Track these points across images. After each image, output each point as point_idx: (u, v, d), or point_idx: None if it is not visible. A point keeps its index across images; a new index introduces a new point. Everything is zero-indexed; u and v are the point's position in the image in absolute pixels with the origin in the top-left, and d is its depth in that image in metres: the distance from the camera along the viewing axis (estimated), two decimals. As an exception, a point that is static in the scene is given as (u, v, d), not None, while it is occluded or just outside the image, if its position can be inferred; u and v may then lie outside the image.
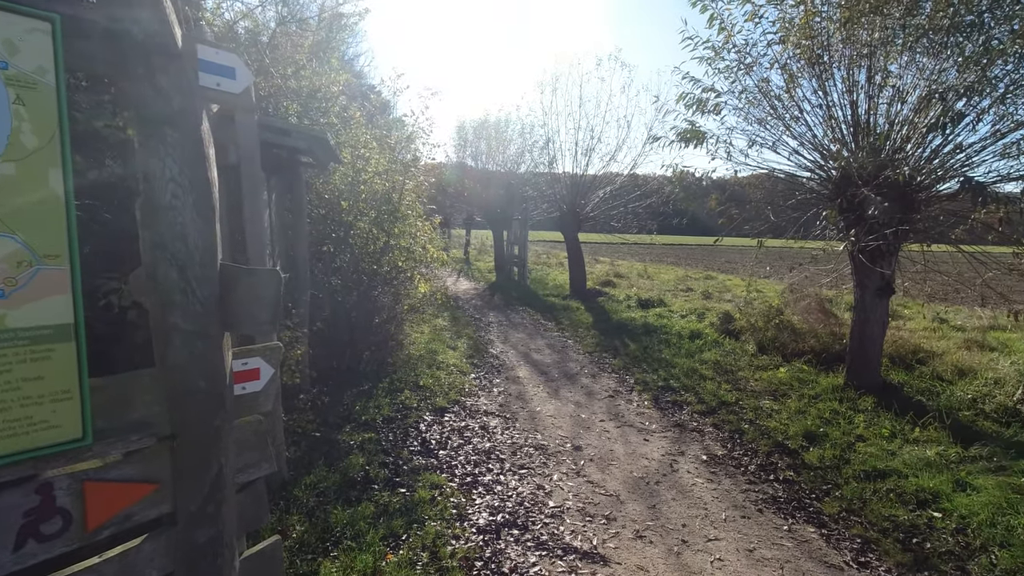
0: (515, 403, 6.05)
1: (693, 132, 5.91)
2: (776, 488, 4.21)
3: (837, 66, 5.58)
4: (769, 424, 5.37)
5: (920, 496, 3.98)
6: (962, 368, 6.84)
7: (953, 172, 5.31)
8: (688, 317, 10.59)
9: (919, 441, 4.92)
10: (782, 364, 7.33)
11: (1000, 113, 5.39)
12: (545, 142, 14.07)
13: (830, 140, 5.79)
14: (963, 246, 6.04)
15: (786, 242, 7.07)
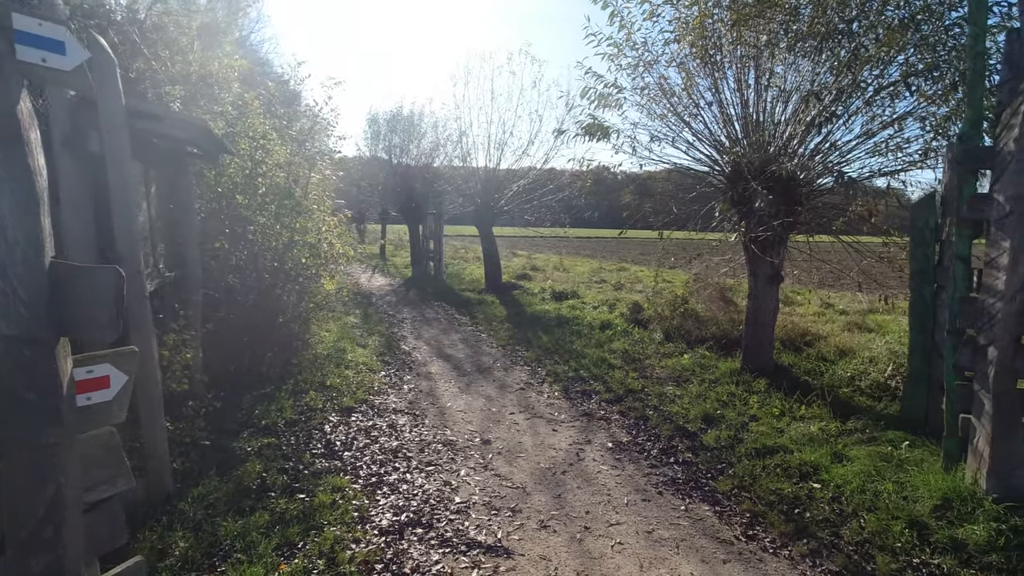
0: (425, 400, 5.96)
1: (597, 126, 6.04)
2: (676, 470, 4.38)
3: (729, 66, 5.86)
4: (672, 409, 5.58)
5: (803, 469, 4.26)
6: (843, 349, 7.41)
7: (830, 168, 5.72)
8: (600, 308, 10.86)
9: (804, 418, 5.27)
10: (686, 351, 7.65)
11: (870, 114, 5.86)
12: (459, 136, 14.00)
13: (724, 136, 6.09)
14: (842, 236, 6.54)
15: (688, 234, 7.39)
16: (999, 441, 3.50)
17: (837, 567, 3.16)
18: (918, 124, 5.69)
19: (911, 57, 5.44)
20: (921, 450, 4.41)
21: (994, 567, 3.09)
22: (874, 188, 6.17)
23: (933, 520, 3.49)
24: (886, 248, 6.29)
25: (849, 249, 6.47)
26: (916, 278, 4.84)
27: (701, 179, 6.73)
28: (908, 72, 5.18)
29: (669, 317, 8.69)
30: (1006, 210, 3.39)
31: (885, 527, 3.47)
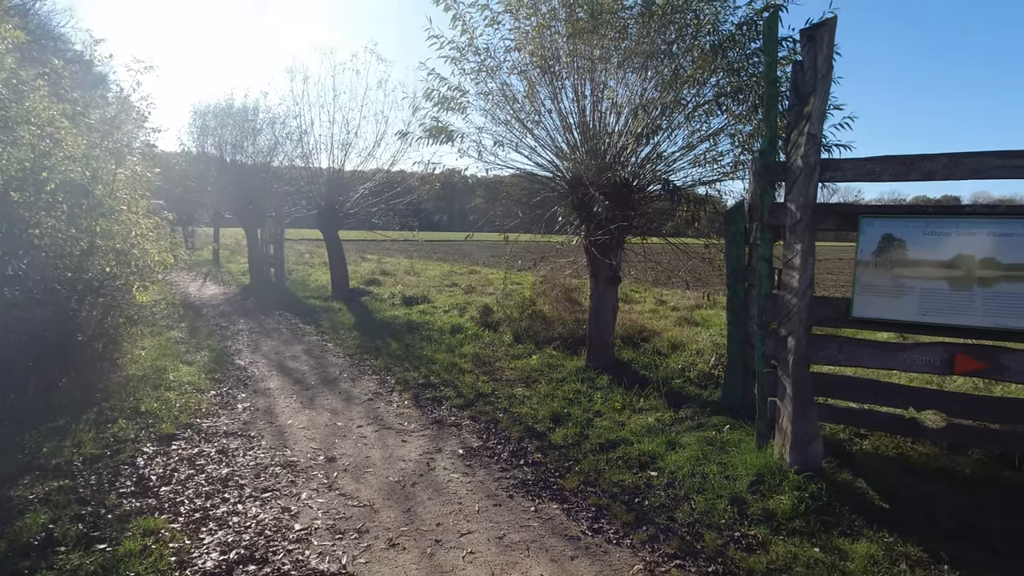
0: (262, 419, 5.47)
1: (441, 129, 5.98)
2: (526, 472, 4.43)
3: (567, 76, 6.11)
4: (522, 410, 5.68)
5: (642, 459, 4.53)
6: (675, 343, 8.09)
7: (658, 177, 6.19)
8: (451, 312, 10.83)
9: (643, 410, 5.64)
10: (535, 351, 7.87)
11: (690, 129, 6.44)
12: (300, 135, 13.16)
13: (564, 143, 6.34)
14: (671, 239, 7.13)
15: (534, 236, 7.60)
16: (798, 419, 3.99)
17: (673, 549, 3.37)
18: (729, 139, 6.38)
19: (721, 80, 6.07)
20: (740, 432, 4.90)
21: (798, 531, 3.48)
22: (696, 195, 6.82)
23: (750, 495, 3.87)
24: (707, 250, 6.98)
25: (677, 251, 7.09)
26: (731, 277, 5.39)
27: (545, 184, 6.95)
28: (720, 93, 5.77)
29: (518, 319, 8.89)
30: (797, 217, 3.89)
31: (712, 506, 3.79)
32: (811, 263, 3.91)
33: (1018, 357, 3.66)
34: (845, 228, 3.95)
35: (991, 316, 3.62)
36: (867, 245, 3.84)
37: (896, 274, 3.80)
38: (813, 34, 3.76)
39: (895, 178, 3.76)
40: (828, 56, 3.75)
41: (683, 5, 5.68)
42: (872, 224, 3.81)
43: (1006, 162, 3.54)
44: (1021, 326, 3.58)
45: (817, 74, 3.74)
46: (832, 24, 3.74)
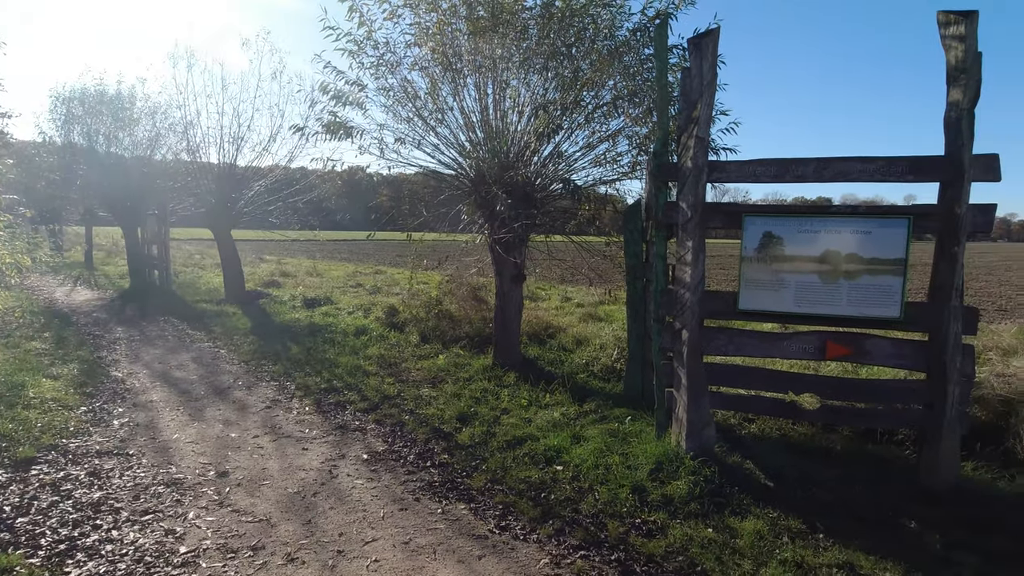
0: (143, 435, 5.02)
1: (339, 125, 5.77)
2: (432, 473, 4.36)
3: (469, 74, 6.08)
4: (428, 412, 5.59)
5: (548, 455, 4.59)
6: (580, 338, 8.29)
7: (559, 176, 6.31)
8: (355, 313, 10.51)
9: (549, 406, 5.73)
10: (442, 351, 7.79)
11: (590, 129, 6.62)
12: (185, 126, 12.21)
13: (467, 141, 6.31)
14: (574, 237, 7.30)
15: (440, 235, 7.51)
16: (692, 408, 4.20)
17: (578, 540, 3.44)
18: (627, 141, 6.62)
19: (619, 83, 6.28)
20: (641, 423, 5.10)
21: (693, 513, 3.67)
22: (597, 195, 7.03)
23: (650, 483, 4.03)
24: (608, 248, 7.21)
25: (580, 248, 7.27)
26: (630, 273, 5.59)
27: (449, 182, 6.89)
28: (617, 96, 5.97)
29: (425, 319, 8.77)
30: (688, 216, 4.10)
31: (614, 496, 3.91)
32: (702, 259, 4.14)
33: (878, 342, 4.06)
34: (731, 226, 4.21)
35: (855, 306, 4.00)
36: (750, 242, 4.12)
37: (776, 269, 4.11)
38: (699, 43, 3.97)
39: (773, 179, 4.05)
40: (712, 64, 3.97)
41: (581, 9, 5.83)
42: (754, 222, 4.09)
43: (865, 166, 3.92)
44: (880, 314, 3.98)
45: (703, 81, 3.96)
46: (715, 35, 3.97)
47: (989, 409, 5.02)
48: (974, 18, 3.61)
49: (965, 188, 3.70)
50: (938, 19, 3.77)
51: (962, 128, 3.67)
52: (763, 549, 3.31)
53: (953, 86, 3.71)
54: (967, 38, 3.61)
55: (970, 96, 3.65)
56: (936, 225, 3.82)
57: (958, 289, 3.81)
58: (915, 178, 3.84)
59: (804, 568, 3.14)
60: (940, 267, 3.84)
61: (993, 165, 3.73)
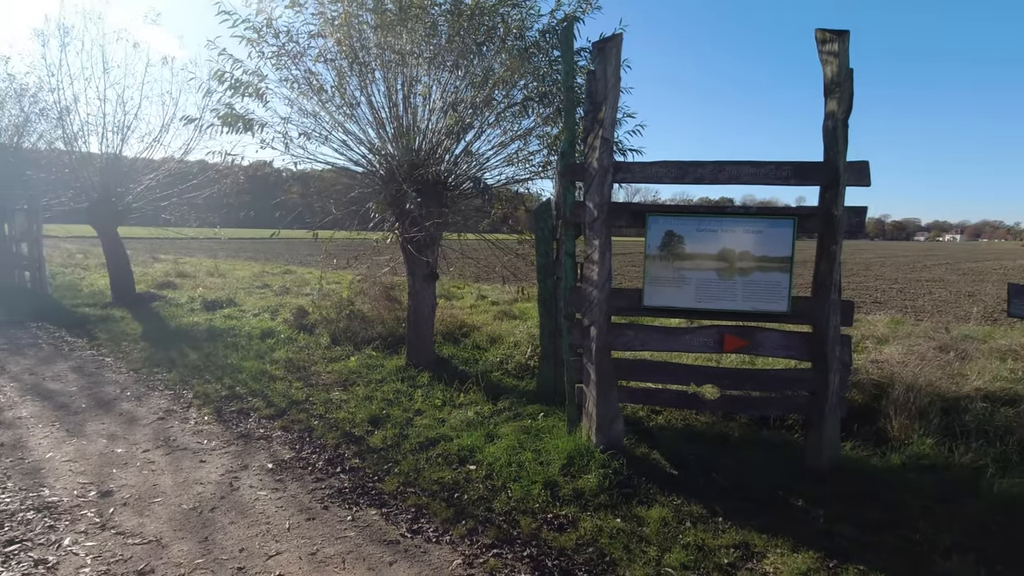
0: (7, 456, 4.51)
1: (237, 117, 5.44)
2: (342, 479, 4.23)
3: (378, 68, 5.93)
4: (339, 416, 5.42)
5: (461, 454, 4.57)
6: (494, 336, 8.32)
7: (470, 175, 6.30)
8: (261, 316, 10.01)
9: (463, 405, 5.70)
10: (353, 353, 7.57)
11: (502, 128, 6.65)
12: (60, 112, 11.09)
13: (376, 138, 6.16)
14: (487, 236, 7.31)
15: (350, 233, 7.29)
16: (601, 402, 4.32)
17: (490, 539, 3.45)
18: (539, 140, 6.71)
19: (531, 84, 6.35)
20: (553, 418, 5.18)
21: (603, 505, 3.77)
22: (508, 193, 7.08)
23: (562, 478, 4.10)
24: (521, 246, 7.28)
25: (493, 247, 7.29)
26: (541, 271, 5.67)
27: (358, 180, 6.70)
28: (528, 96, 6.03)
29: (336, 320, 8.50)
30: (595, 215, 4.21)
31: (527, 492, 3.95)
32: (608, 257, 4.26)
33: (770, 335, 4.35)
34: (636, 225, 4.36)
35: (749, 301, 4.26)
36: (653, 240, 4.29)
37: (677, 266, 4.30)
38: (603, 47, 4.09)
39: (674, 181, 4.24)
40: (616, 68, 4.10)
41: (491, 8, 5.83)
42: (657, 221, 4.27)
43: (756, 170, 4.18)
44: (771, 308, 4.26)
45: (607, 84, 4.07)
46: (618, 40, 4.10)
47: (865, 393, 5.53)
48: (846, 37, 3.94)
49: (841, 192, 4.04)
50: (816, 36, 4.08)
51: (838, 137, 4.00)
52: (667, 535, 3.46)
53: (829, 98, 4.03)
54: (840, 55, 3.93)
55: (844, 108, 3.98)
56: (817, 225, 4.14)
57: (837, 284, 4.15)
58: (798, 181, 4.14)
59: (704, 550, 3.31)
60: (821, 264, 4.17)
61: (864, 171, 4.10)
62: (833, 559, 3.22)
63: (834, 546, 3.34)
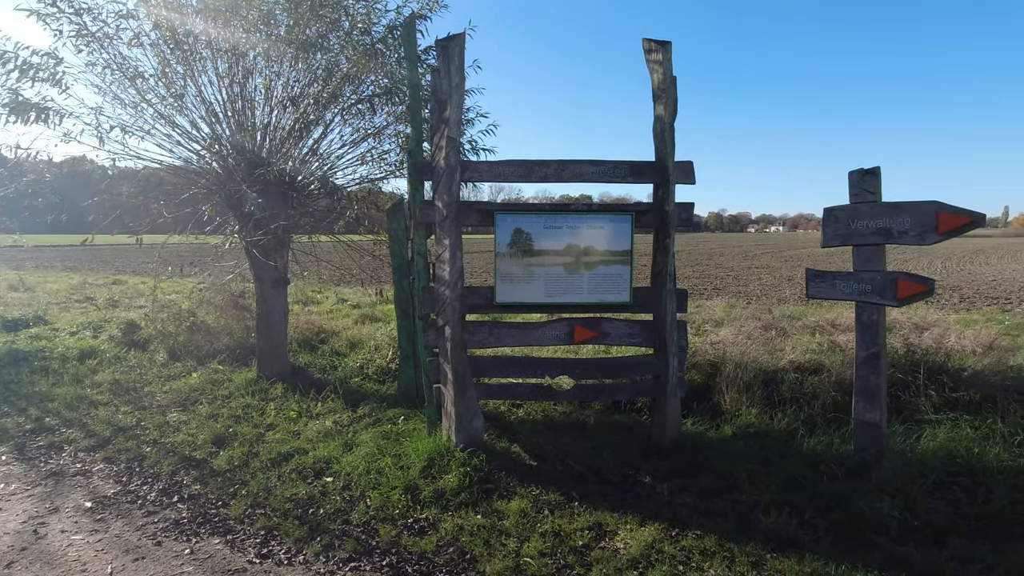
0: None
1: (27, 104, 4.70)
2: (180, 509, 3.84)
3: (209, 58, 5.44)
4: (176, 439, 4.92)
5: (317, 467, 4.35)
6: (354, 341, 8.03)
7: (318, 174, 6.01)
8: (81, 333, 8.80)
9: (320, 415, 5.44)
10: (196, 368, 6.92)
11: (353, 126, 6.42)
12: None
13: (210, 134, 5.65)
14: (341, 237, 7.03)
15: (185, 238, 6.64)
16: (459, 401, 4.32)
17: (348, 552, 3.31)
18: (393, 139, 6.57)
19: (381, 80, 6.18)
20: (415, 421, 5.10)
21: (464, 504, 3.78)
22: (362, 193, 6.85)
23: (422, 480, 4.05)
24: (377, 247, 7.09)
25: (349, 249, 7.03)
26: (397, 272, 5.56)
27: (191, 179, 6.11)
28: (376, 93, 5.86)
29: (175, 333, 7.70)
30: (444, 214, 4.19)
31: (387, 499, 3.85)
32: (459, 256, 4.27)
33: (616, 324, 4.61)
34: (485, 224, 4.41)
35: (595, 293, 4.49)
36: (503, 238, 4.37)
37: (527, 263, 4.42)
38: (446, 45, 4.08)
39: (520, 179, 4.35)
40: (460, 67, 4.11)
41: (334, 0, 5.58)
42: (505, 220, 4.35)
43: (597, 169, 4.41)
44: (615, 299, 4.53)
45: (451, 83, 4.07)
46: (461, 39, 4.11)
47: (702, 372, 6.06)
48: (668, 47, 4.27)
49: (671, 189, 4.38)
50: (643, 46, 4.39)
51: (666, 139, 4.33)
52: (526, 525, 3.54)
53: (657, 103, 4.36)
54: (664, 63, 4.26)
55: (670, 112, 4.32)
56: (652, 220, 4.46)
57: (671, 274, 4.50)
58: (635, 179, 4.43)
59: (561, 536, 3.43)
60: (657, 256, 4.50)
61: (690, 170, 4.48)
62: (675, 528, 3.48)
63: (676, 516, 3.61)
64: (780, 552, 3.19)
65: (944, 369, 5.30)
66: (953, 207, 3.55)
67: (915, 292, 3.79)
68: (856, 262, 4.08)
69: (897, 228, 3.78)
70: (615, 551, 3.31)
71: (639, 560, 3.19)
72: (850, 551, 3.16)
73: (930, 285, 3.75)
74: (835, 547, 3.22)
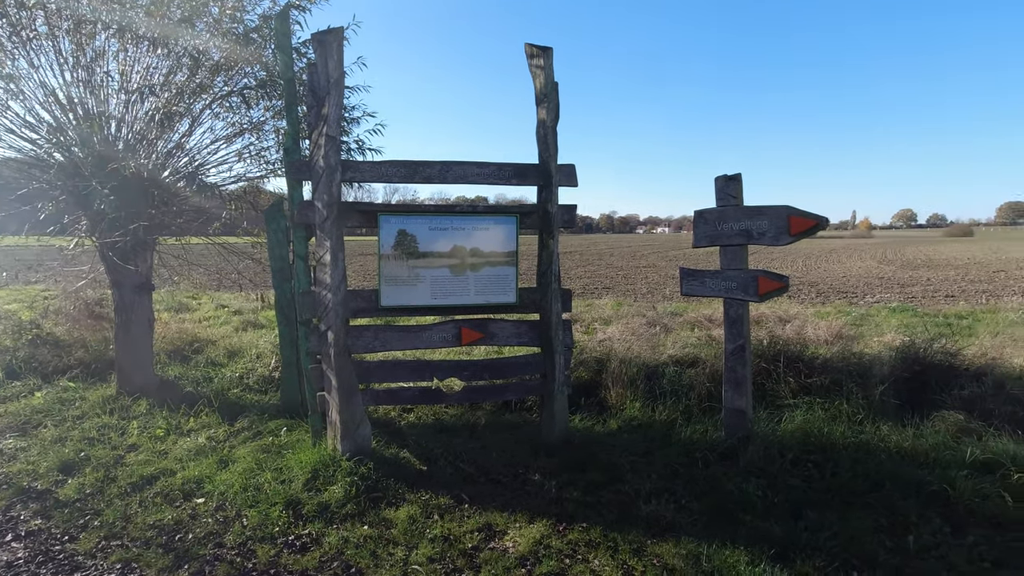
0: None
1: None
2: (15, 550, 3.38)
3: (47, 38, 4.85)
4: (11, 469, 4.33)
5: (187, 488, 4.01)
6: (234, 350, 7.52)
7: (189, 171, 5.56)
8: None
9: (192, 431, 5.03)
10: (41, 387, 6.16)
11: (228, 120, 6.00)
12: None
13: (53, 124, 5.04)
14: (218, 239, 6.54)
15: (24, 239, 5.89)
16: (344, 408, 4.16)
17: (220, 578, 3.08)
18: (275, 135, 6.20)
19: (258, 72, 5.81)
20: (299, 432, 4.86)
21: (350, 515, 3.64)
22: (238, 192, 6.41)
23: (306, 494, 3.85)
24: (256, 249, 6.67)
25: (226, 252, 6.56)
26: (277, 276, 5.25)
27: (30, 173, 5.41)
28: (250, 85, 5.50)
29: (12, 348, 6.80)
30: (324, 215, 4.01)
31: (266, 517, 3.62)
32: (342, 258, 4.10)
33: (503, 325, 4.65)
34: (368, 225, 4.28)
35: (482, 294, 4.50)
36: (387, 240, 4.26)
37: (412, 265, 4.34)
38: (323, 39, 3.90)
39: (403, 180, 4.26)
40: (339, 62, 3.94)
41: (199, -17, 5.17)
42: (389, 221, 4.25)
43: (481, 170, 4.42)
44: (501, 300, 4.56)
45: (330, 78, 3.90)
46: (339, 33, 3.95)
47: (589, 369, 6.27)
48: (550, 53, 4.37)
49: (554, 191, 4.48)
50: (525, 50, 4.46)
51: (549, 142, 4.43)
52: (415, 532, 3.47)
53: (540, 107, 4.45)
54: (546, 68, 4.36)
55: (552, 116, 4.42)
56: (536, 221, 4.54)
57: (556, 274, 4.60)
58: (519, 181, 4.49)
59: (451, 540, 3.39)
60: (542, 256, 4.58)
61: (572, 173, 4.61)
62: (563, 522, 3.56)
63: (563, 511, 3.70)
64: (659, 537, 3.36)
65: (801, 358, 5.84)
66: (802, 211, 3.91)
67: (774, 288, 4.14)
68: (723, 261, 4.39)
69: (756, 230, 4.11)
70: (504, 550, 3.32)
71: (527, 557, 3.22)
72: (720, 531, 3.38)
73: (785, 282, 4.11)
74: (708, 528, 3.44)
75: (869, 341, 7.30)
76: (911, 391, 5.27)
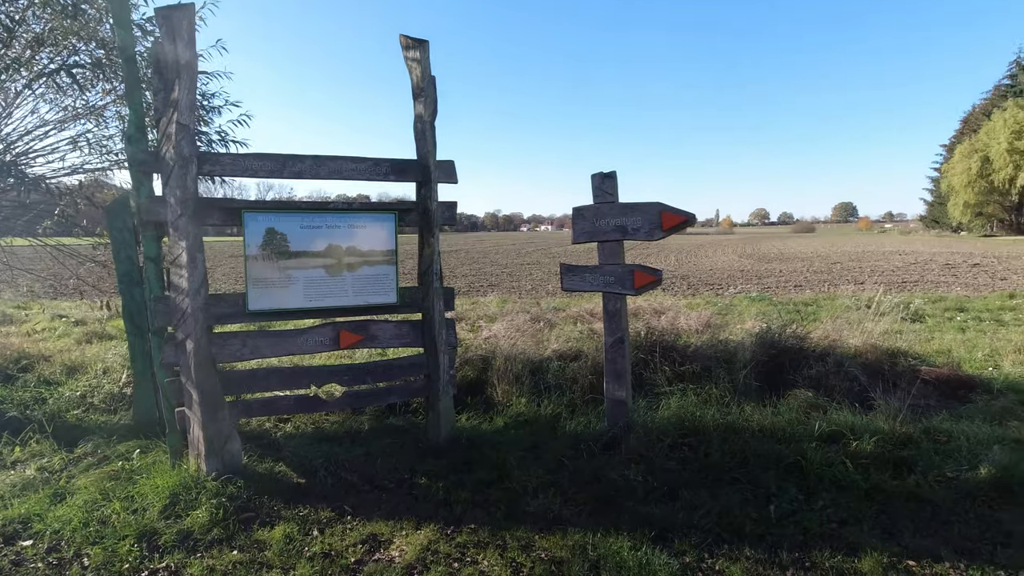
0: None
1: None
2: None
3: None
4: None
5: (8, 531, 3.44)
6: (74, 365, 6.64)
7: (10, 160, 4.82)
8: None
9: (19, 462, 4.35)
10: None
11: (54, 103, 5.27)
12: None
13: None
14: (51, 239, 5.74)
15: None
16: (208, 423, 3.79)
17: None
18: (116, 122, 5.54)
19: (94, 49, 5.15)
20: (155, 453, 4.36)
21: (216, 541, 3.30)
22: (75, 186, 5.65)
23: (163, 522, 3.46)
24: (99, 251, 5.93)
25: (62, 254, 5.77)
26: (124, 280, 4.69)
27: None
28: (75, 64, 4.86)
29: None
30: (178, 212, 3.62)
31: (112, 554, 3.19)
32: (201, 260, 3.72)
33: (383, 326, 4.47)
34: (232, 223, 3.93)
35: (360, 295, 4.30)
36: (253, 239, 3.93)
37: (283, 266, 4.04)
38: (169, 16, 3.50)
39: (270, 175, 3.95)
40: (190, 42, 3.55)
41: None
42: (255, 219, 3.92)
43: (356, 166, 4.22)
44: (381, 301, 4.39)
45: (180, 60, 3.51)
46: (190, 9, 3.56)
47: (475, 367, 6.23)
48: (426, 46, 4.26)
49: (434, 188, 4.38)
50: (400, 42, 4.31)
51: (427, 138, 4.32)
52: (292, 551, 3.23)
53: (417, 101, 4.32)
54: (423, 62, 4.24)
55: (430, 111, 4.32)
56: (416, 219, 4.42)
57: (438, 273, 4.51)
58: (397, 178, 4.34)
59: (332, 556, 3.19)
60: (423, 255, 4.47)
61: (451, 169, 4.53)
62: (451, 525, 3.48)
63: (451, 513, 3.62)
64: (547, 531, 3.38)
65: (675, 347, 6.20)
66: (673, 208, 4.11)
67: (648, 282, 4.33)
68: (601, 256, 4.53)
69: (631, 226, 4.27)
70: (390, 561, 3.18)
71: (415, 565, 3.11)
72: (605, 518, 3.48)
73: (659, 275, 4.31)
74: (593, 518, 3.52)
75: (733, 329, 7.93)
76: (769, 373, 5.76)
